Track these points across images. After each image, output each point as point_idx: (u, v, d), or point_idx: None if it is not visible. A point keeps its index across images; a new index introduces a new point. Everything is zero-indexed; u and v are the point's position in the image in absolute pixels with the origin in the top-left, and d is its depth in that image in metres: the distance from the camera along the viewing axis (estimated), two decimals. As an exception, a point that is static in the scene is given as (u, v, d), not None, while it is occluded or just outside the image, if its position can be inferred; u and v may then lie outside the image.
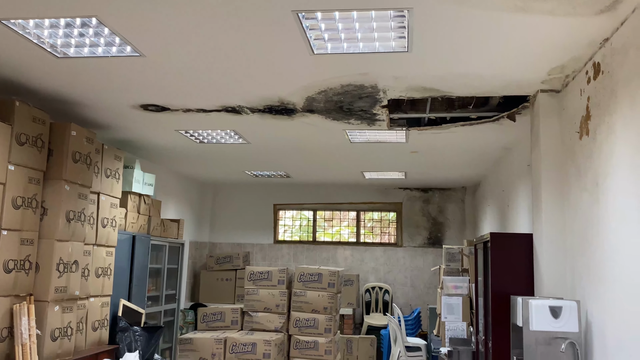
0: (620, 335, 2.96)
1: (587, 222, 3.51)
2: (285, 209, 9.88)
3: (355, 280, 8.78)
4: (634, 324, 2.79)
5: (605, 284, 3.19)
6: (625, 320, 2.90)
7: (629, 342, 2.85)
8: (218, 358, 6.06)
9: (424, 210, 9.40)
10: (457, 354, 5.22)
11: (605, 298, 3.19)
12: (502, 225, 6.53)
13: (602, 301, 3.24)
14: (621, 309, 2.96)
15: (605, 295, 3.19)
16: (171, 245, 7.22)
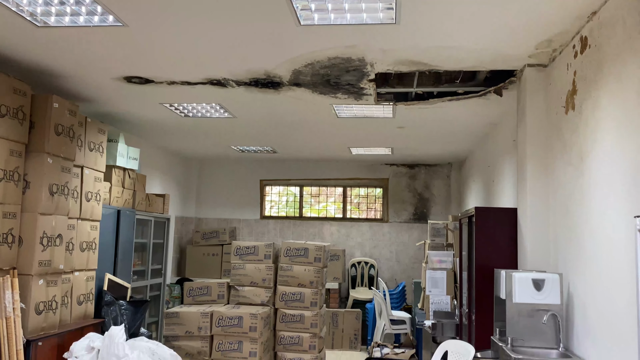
0: (601, 307, 3.01)
1: (571, 197, 3.54)
2: (271, 184, 9.86)
3: (341, 255, 8.83)
4: (614, 295, 2.83)
5: (587, 258, 3.23)
6: (606, 292, 2.95)
7: (609, 313, 2.90)
8: (204, 331, 6.09)
9: (410, 186, 9.43)
10: (440, 327, 5.29)
11: (587, 271, 3.23)
12: (487, 201, 6.57)
13: (583, 274, 3.28)
14: (602, 282, 3.00)
15: (587, 269, 3.23)
16: (157, 220, 7.19)
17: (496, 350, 3.69)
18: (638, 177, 2.62)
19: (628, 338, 2.66)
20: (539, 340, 3.49)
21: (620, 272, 2.77)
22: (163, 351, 4.58)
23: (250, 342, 6.05)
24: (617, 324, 2.80)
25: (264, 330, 6.21)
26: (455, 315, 5.55)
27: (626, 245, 2.71)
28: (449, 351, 3.82)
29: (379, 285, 8.16)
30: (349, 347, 8.04)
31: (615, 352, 2.81)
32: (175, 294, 7.88)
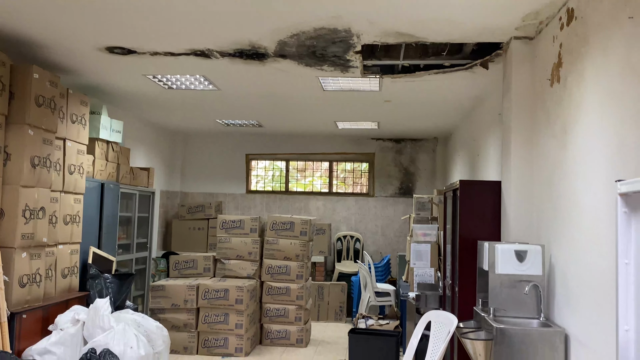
0: (581, 277, 3.06)
1: (554, 169, 3.56)
2: (257, 159, 9.82)
3: (327, 229, 8.86)
4: (594, 266, 2.88)
5: (569, 229, 3.27)
6: (586, 263, 2.99)
7: (588, 283, 2.95)
8: (190, 304, 6.11)
9: (396, 160, 9.45)
10: (424, 298, 5.35)
11: (568, 243, 3.28)
12: (472, 174, 6.61)
13: (565, 246, 3.32)
14: (583, 253, 3.05)
15: (568, 240, 3.27)
16: (141, 194, 7.13)
17: (478, 320, 3.74)
18: (620, 149, 2.64)
19: (606, 306, 2.71)
20: (520, 311, 3.54)
21: (601, 243, 2.81)
22: (149, 323, 4.59)
23: (237, 314, 6.08)
24: (596, 293, 2.85)
25: (250, 303, 6.25)
26: (438, 287, 5.61)
27: (607, 216, 2.74)
28: (432, 321, 3.87)
29: (364, 259, 8.22)
30: (334, 319, 8.13)
31: (594, 320, 2.86)
32: (161, 267, 7.87)
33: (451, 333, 3.59)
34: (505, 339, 3.23)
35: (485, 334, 3.44)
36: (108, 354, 3.88)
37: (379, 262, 8.88)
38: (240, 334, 6.04)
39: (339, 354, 6.22)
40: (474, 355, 3.42)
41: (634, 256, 1.26)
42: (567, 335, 3.20)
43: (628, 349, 1.30)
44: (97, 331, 4.18)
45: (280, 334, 6.58)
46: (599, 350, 2.79)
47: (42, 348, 4.07)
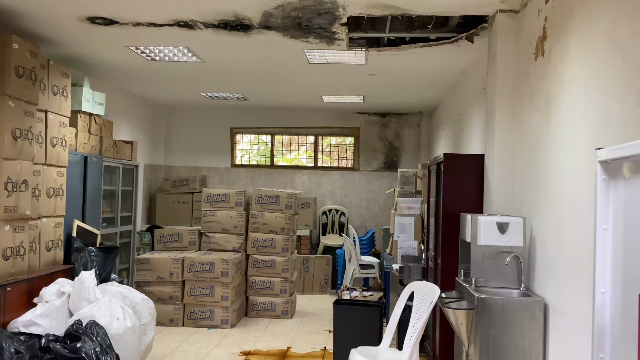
0: (561, 249, 3.13)
1: (537, 143, 3.60)
2: (242, 132, 9.77)
3: (312, 203, 8.90)
4: (574, 238, 2.94)
5: (550, 202, 3.33)
6: (566, 235, 3.05)
7: (568, 255, 3.02)
8: (176, 277, 6.14)
9: (381, 134, 9.47)
10: (408, 270, 5.43)
11: (549, 215, 3.34)
12: (456, 148, 6.66)
13: (546, 218, 3.39)
14: (563, 225, 3.11)
15: (549, 213, 3.34)
16: (125, 167, 7.08)
17: (460, 290, 3.82)
18: (602, 122, 2.68)
19: (584, 277, 2.78)
20: (501, 281, 3.62)
21: (581, 216, 2.87)
22: (134, 295, 4.61)
23: (222, 286, 6.13)
24: (575, 264, 2.92)
25: (235, 276, 6.30)
26: (422, 259, 5.70)
27: (588, 188, 2.79)
28: (415, 292, 3.94)
29: (349, 232, 8.30)
30: (319, 291, 8.23)
31: (572, 290, 2.94)
32: (146, 241, 7.87)
33: (434, 303, 3.66)
34: (487, 309, 3.31)
35: (467, 303, 3.51)
36: (94, 325, 3.90)
37: (364, 235, 8.97)
38: (226, 306, 6.09)
39: (324, 325, 6.32)
40: (456, 325, 3.50)
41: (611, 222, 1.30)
42: (546, 304, 3.29)
43: (603, 309, 1.35)
44: (83, 303, 4.19)
45: (265, 306, 6.65)
46: (576, 318, 2.87)
47: (27, 320, 4.08)
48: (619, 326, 1.32)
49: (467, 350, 3.48)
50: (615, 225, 1.30)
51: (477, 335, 3.33)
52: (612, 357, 1.35)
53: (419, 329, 3.66)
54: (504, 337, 3.28)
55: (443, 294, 3.79)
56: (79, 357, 3.56)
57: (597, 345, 1.39)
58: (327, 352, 5.30)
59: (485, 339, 3.30)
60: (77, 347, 3.59)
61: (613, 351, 1.35)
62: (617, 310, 1.32)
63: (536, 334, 3.26)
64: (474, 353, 3.36)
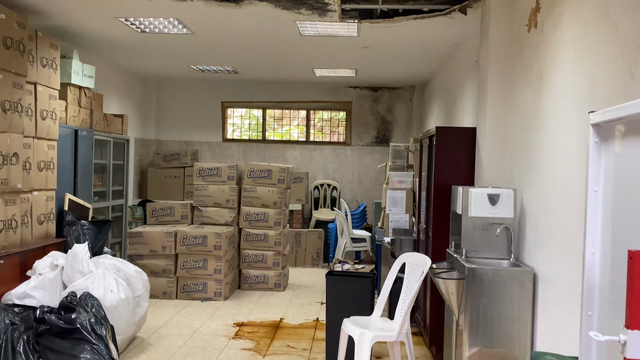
0: (551, 220, 3.17)
1: (528, 116, 3.62)
2: (233, 106, 9.71)
3: (304, 177, 8.92)
4: (563, 209, 2.99)
5: (540, 174, 3.36)
6: (556, 206, 3.10)
7: (557, 226, 3.07)
8: (169, 250, 6.16)
9: (373, 109, 9.45)
10: (399, 243, 5.49)
11: (540, 186, 3.38)
12: (448, 122, 6.67)
13: (536, 189, 3.43)
14: (553, 196, 3.15)
15: (540, 184, 3.38)
16: (116, 141, 7.05)
17: (451, 261, 3.88)
18: (592, 94, 2.70)
19: (572, 247, 2.84)
20: (491, 252, 3.68)
21: (570, 186, 2.91)
22: (128, 268, 4.63)
23: (215, 260, 6.17)
24: (564, 234, 2.97)
25: (228, 249, 6.34)
26: (413, 232, 5.76)
27: (578, 159, 2.83)
28: (407, 263, 3.99)
29: (341, 206, 8.35)
30: (311, 265, 8.30)
31: (560, 260, 3.00)
32: (138, 215, 7.87)
33: (425, 273, 3.72)
34: (477, 278, 3.37)
35: (458, 273, 3.57)
36: (89, 297, 3.93)
37: (355, 209, 9.03)
38: (219, 279, 6.14)
39: (316, 297, 6.39)
40: (447, 295, 3.56)
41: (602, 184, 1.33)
42: (535, 274, 3.35)
43: (593, 269, 1.39)
44: (77, 275, 4.21)
45: (258, 279, 6.71)
46: (564, 287, 2.93)
47: (21, 292, 4.10)
48: (607, 284, 1.36)
49: (458, 319, 3.55)
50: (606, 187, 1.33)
51: (467, 304, 3.39)
52: (600, 314, 1.40)
53: (410, 298, 3.72)
54: (493, 306, 3.35)
55: (434, 265, 3.84)
56: (74, 327, 3.59)
57: (586, 304, 1.44)
58: (320, 322, 5.38)
59: (475, 308, 3.37)
60: (72, 318, 3.62)
61: (601, 309, 1.39)
62: (606, 269, 1.36)
63: (525, 303, 3.33)
64: (464, 322, 3.42)
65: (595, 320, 1.39)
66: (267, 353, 4.51)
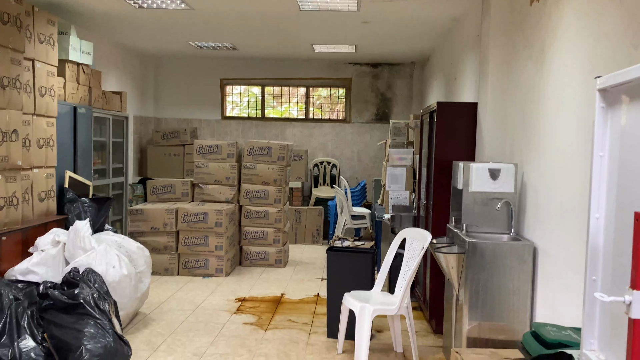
0: (551, 194, 3.19)
1: (529, 91, 3.61)
2: (232, 84, 9.66)
3: (304, 155, 8.92)
4: (564, 184, 3.00)
5: (541, 148, 3.37)
6: (556, 180, 3.11)
7: (557, 200, 3.08)
8: (170, 227, 6.19)
9: (372, 86, 9.41)
10: (399, 219, 5.52)
11: (540, 161, 3.39)
12: (448, 98, 6.65)
13: (537, 164, 3.44)
14: (553, 170, 3.16)
15: (541, 158, 3.38)
16: (115, 119, 7.03)
17: (451, 236, 3.90)
18: (595, 67, 2.69)
19: (571, 221, 2.86)
20: (492, 227, 3.70)
21: (571, 160, 2.91)
22: (129, 244, 4.66)
23: (216, 236, 6.20)
24: (564, 208, 2.99)
25: (229, 226, 6.36)
26: (413, 208, 5.78)
27: (579, 133, 2.83)
28: (407, 238, 4.02)
29: (341, 184, 8.36)
30: (311, 242, 8.35)
31: (560, 234, 3.02)
32: (138, 193, 7.88)
33: (425, 248, 3.75)
34: (477, 252, 3.40)
35: (458, 248, 3.60)
36: (91, 272, 3.95)
37: (355, 187, 9.05)
38: (220, 255, 6.18)
39: (317, 273, 6.44)
40: (447, 269, 3.59)
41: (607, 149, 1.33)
42: (535, 248, 3.38)
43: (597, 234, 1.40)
44: (79, 252, 4.23)
45: (259, 255, 6.75)
46: (564, 260, 2.96)
47: (24, 268, 4.12)
48: (611, 250, 1.38)
49: (458, 293, 3.59)
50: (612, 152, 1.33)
51: (467, 278, 3.43)
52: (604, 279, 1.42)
53: (411, 273, 3.76)
54: (494, 279, 3.38)
55: (434, 240, 3.87)
56: (78, 303, 3.62)
57: (590, 269, 1.45)
58: (320, 298, 5.43)
59: (475, 282, 3.40)
60: (75, 294, 3.65)
61: (605, 273, 1.41)
62: (609, 234, 1.38)
63: (525, 276, 3.36)
64: (464, 296, 3.46)
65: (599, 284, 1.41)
66: (268, 327, 4.56)
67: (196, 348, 4.05)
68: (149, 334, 4.33)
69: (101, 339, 3.44)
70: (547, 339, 2.27)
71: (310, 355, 3.97)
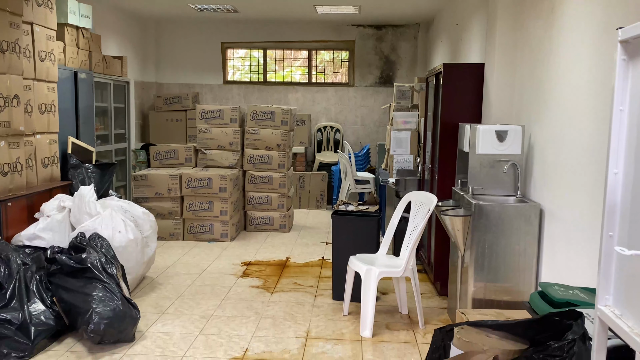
0: (559, 155, 3.17)
1: (538, 51, 3.55)
2: (233, 47, 9.53)
3: (307, 120, 8.87)
4: (572, 144, 2.98)
5: (550, 109, 3.33)
6: (565, 142, 3.09)
7: (565, 161, 3.07)
8: (174, 193, 6.21)
9: (376, 48, 9.28)
10: (404, 183, 5.52)
11: (548, 122, 3.35)
12: (454, 60, 6.55)
13: (545, 125, 3.40)
14: (561, 130, 3.13)
15: (549, 120, 3.35)
16: (116, 84, 6.97)
17: (457, 199, 3.90)
18: (607, 25, 2.63)
19: (579, 182, 2.84)
20: (498, 189, 3.70)
21: (580, 119, 2.88)
22: (135, 209, 4.68)
23: (221, 202, 6.22)
24: (572, 169, 2.97)
25: (233, 191, 6.38)
26: (417, 172, 5.77)
27: (588, 93, 2.79)
28: (413, 201, 4.02)
29: (344, 148, 8.34)
30: (315, 207, 8.37)
31: (567, 196, 3.01)
32: (141, 159, 7.88)
33: (431, 211, 3.75)
34: (484, 215, 3.40)
35: (464, 210, 3.60)
36: (98, 237, 3.98)
37: (359, 151, 9.02)
38: (225, 220, 6.21)
39: (321, 238, 6.48)
40: (453, 231, 3.60)
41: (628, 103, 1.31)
42: (542, 209, 3.37)
43: (615, 190, 1.39)
44: (84, 217, 4.25)
45: (263, 220, 6.79)
46: (570, 222, 2.96)
47: (31, 234, 4.15)
48: (628, 206, 1.37)
49: (463, 255, 3.61)
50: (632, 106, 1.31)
51: (473, 240, 3.44)
52: (621, 234, 1.42)
53: (416, 235, 3.77)
54: (500, 241, 3.39)
55: (440, 203, 3.87)
56: (85, 267, 3.65)
57: (607, 224, 1.45)
58: (325, 261, 5.48)
59: (481, 244, 3.41)
60: (83, 258, 3.68)
61: (622, 229, 1.41)
62: (627, 190, 1.37)
63: (531, 237, 3.37)
64: (469, 258, 3.48)
65: (616, 240, 1.41)
66: (274, 290, 4.61)
67: (203, 311, 4.11)
68: (157, 297, 4.39)
69: (110, 302, 3.48)
70: (555, 298, 2.28)
71: (317, 317, 4.02)
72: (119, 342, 3.48)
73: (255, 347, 3.51)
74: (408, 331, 3.79)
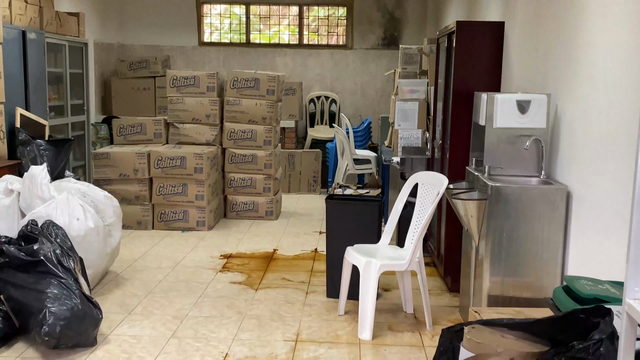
0: (590, 130, 3.19)
1: (566, 10, 3.55)
2: (211, 2, 9.47)
3: (297, 88, 8.86)
4: (606, 116, 3.00)
5: (580, 77, 3.34)
6: (597, 112, 3.10)
7: (598, 137, 3.09)
8: (142, 174, 6.21)
9: (379, 3, 9.25)
10: (410, 162, 5.54)
11: (578, 90, 3.37)
12: (469, 18, 6.54)
13: (574, 95, 3.42)
14: (594, 100, 3.15)
15: (578, 87, 3.36)
16: (72, 45, 6.92)
17: (471, 180, 3.93)
18: (648, -26, 2.63)
19: (616, 159, 2.87)
20: (518, 168, 3.72)
21: (618, 89, 2.90)
22: (95, 193, 4.68)
23: (196, 184, 6.24)
24: (606, 144, 2.99)
25: (211, 172, 6.39)
26: (426, 150, 5.79)
27: (627, 58, 2.80)
28: (420, 183, 4.04)
29: (342, 122, 8.34)
30: (307, 191, 8.41)
31: (601, 176, 3.04)
32: (103, 134, 7.87)
33: (440, 195, 3.78)
34: (501, 198, 3.43)
35: (479, 194, 3.63)
36: (52, 225, 3.98)
37: (358, 126, 9.03)
38: (202, 206, 6.23)
39: (314, 226, 6.52)
40: (466, 218, 3.64)
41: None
42: (569, 192, 3.41)
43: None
44: (36, 202, 4.26)
45: (247, 206, 6.81)
46: (603, 206, 2.99)
47: (-27, 221, 4.15)
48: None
49: (477, 246, 3.65)
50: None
51: (489, 228, 3.48)
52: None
53: (424, 222, 3.80)
54: (520, 229, 3.43)
55: (451, 185, 3.90)
56: (38, 260, 3.66)
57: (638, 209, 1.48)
58: (319, 253, 5.52)
59: (498, 232, 3.45)
60: (35, 250, 3.69)
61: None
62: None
63: (557, 224, 3.41)
64: (485, 248, 3.52)
65: (647, 227, 1.44)
66: (260, 286, 4.66)
67: (177, 310, 4.14)
68: (122, 295, 4.42)
69: (67, 300, 3.50)
70: (582, 294, 2.32)
71: (308, 317, 4.06)
72: (78, 346, 3.51)
73: (237, 351, 3.56)
74: (413, 333, 3.84)
